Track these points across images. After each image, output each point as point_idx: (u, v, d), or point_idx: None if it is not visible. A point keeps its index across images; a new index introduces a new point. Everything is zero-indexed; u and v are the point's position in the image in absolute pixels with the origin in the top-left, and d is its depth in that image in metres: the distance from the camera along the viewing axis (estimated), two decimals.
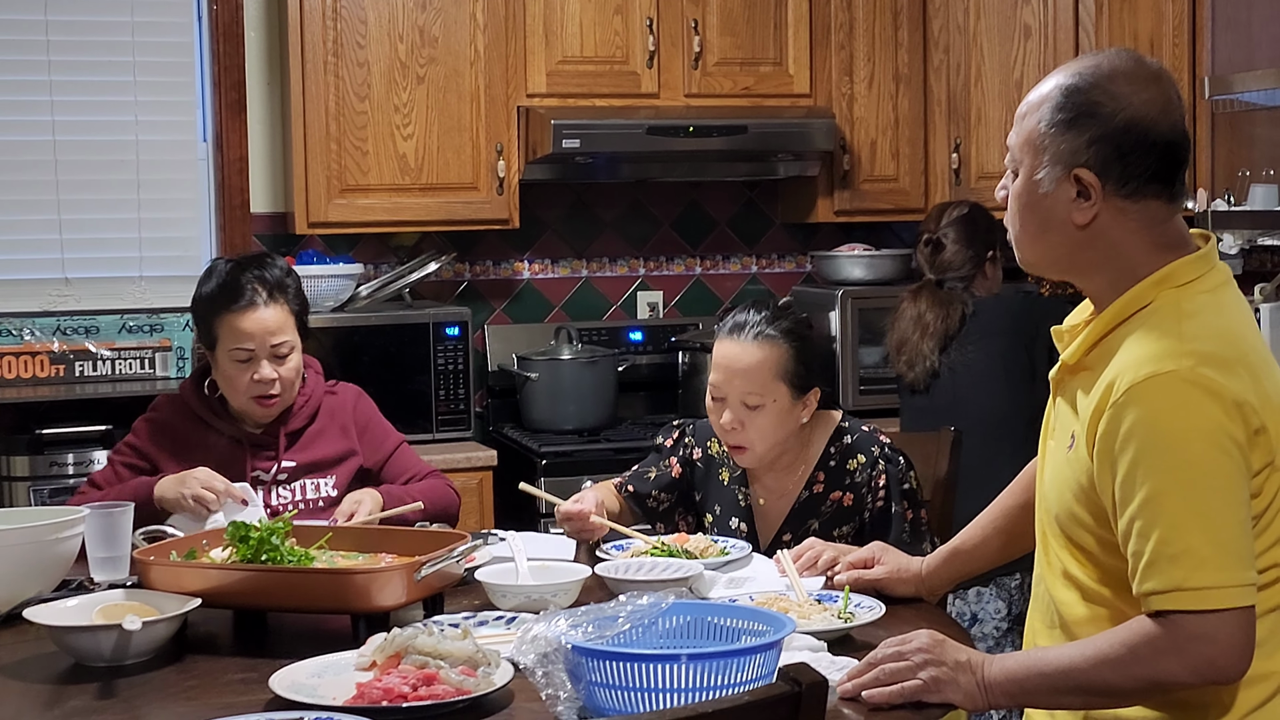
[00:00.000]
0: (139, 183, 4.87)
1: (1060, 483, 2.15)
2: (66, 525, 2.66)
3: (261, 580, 2.48)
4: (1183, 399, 1.96)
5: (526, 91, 4.80)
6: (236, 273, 3.27)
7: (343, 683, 2.11)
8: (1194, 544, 1.94)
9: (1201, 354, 1.98)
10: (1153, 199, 2.09)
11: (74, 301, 4.78)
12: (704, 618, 2.14)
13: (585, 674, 1.93)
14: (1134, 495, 1.98)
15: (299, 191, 4.66)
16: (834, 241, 5.33)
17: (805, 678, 1.57)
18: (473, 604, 2.62)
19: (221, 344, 3.25)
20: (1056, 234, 2.12)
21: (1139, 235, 2.10)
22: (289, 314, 3.28)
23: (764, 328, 3.05)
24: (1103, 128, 2.06)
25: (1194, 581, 1.94)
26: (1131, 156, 2.07)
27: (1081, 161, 2.07)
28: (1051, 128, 2.09)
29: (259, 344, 3.22)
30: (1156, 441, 1.96)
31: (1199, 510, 1.95)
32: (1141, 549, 1.97)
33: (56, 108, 4.78)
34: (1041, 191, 2.11)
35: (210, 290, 3.28)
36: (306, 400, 3.34)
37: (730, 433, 3.05)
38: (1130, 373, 2.00)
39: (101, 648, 2.30)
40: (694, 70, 4.93)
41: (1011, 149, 2.16)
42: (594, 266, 5.28)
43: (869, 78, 5.10)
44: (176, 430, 3.31)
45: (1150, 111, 2.07)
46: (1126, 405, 1.99)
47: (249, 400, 3.25)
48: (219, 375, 3.29)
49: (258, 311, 3.23)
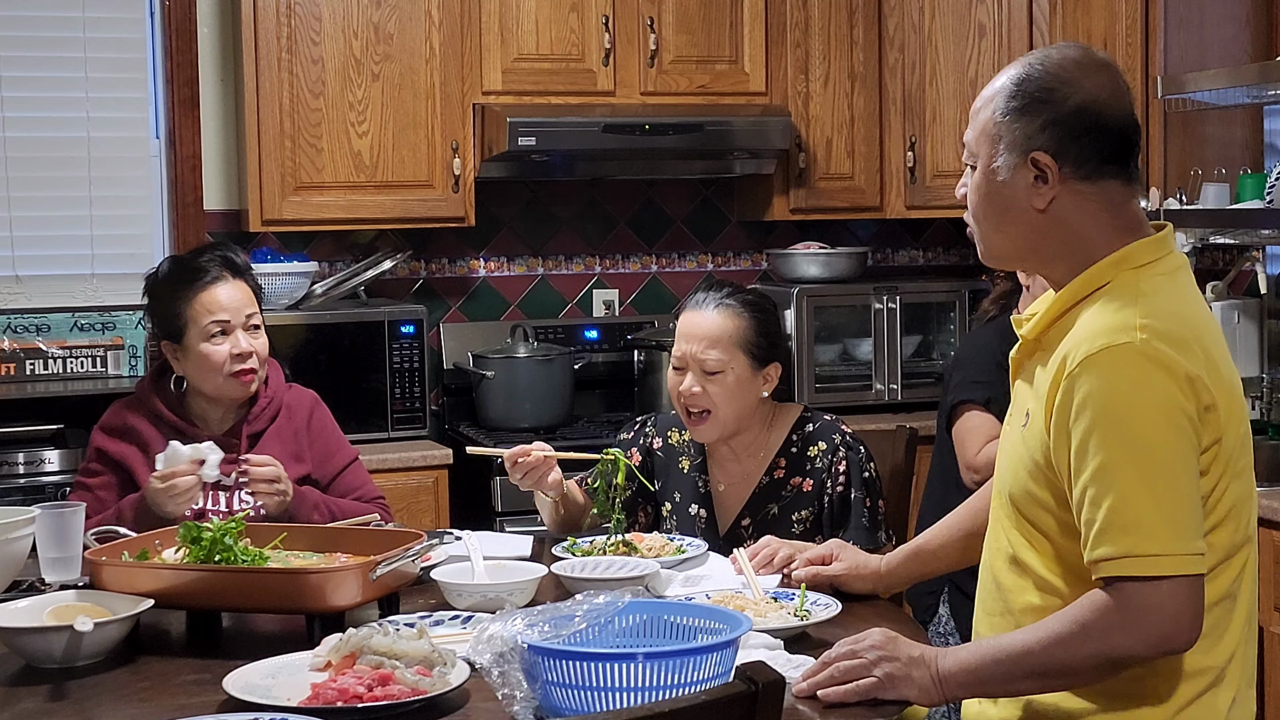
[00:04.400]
0: (90, 179, 4.82)
1: (1015, 460, 2.17)
2: (17, 525, 2.63)
3: (215, 580, 2.46)
4: (1137, 371, 1.99)
5: (482, 89, 4.79)
6: (194, 256, 3.26)
7: (297, 683, 2.10)
8: (1144, 513, 1.97)
9: (1157, 329, 2.01)
10: (1110, 180, 2.12)
11: (25, 299, 4.73)
12: (660, 616, 2.14)
13: (541, 673, 1.92)
14: (1087, 465, 2.00)
15: (253, 189, 4.63)
16: (790, 239, 5.34)
17: (762, 677, 1.57)
18: (428, 603, 2.61)
19: (194, 324, 3.19)
20: (1016, 222, 2.15)
21: (1098, 218, 2.12)
22: (252, 293, 3.27)
23: (725, 299, 3.13)
24: (1055, 111, 2.10)
25: (1144, 549, 1.96)
26: (1086, 139, 2.10)
27: (1037, 145, 2.11)
28: (1005, 116, 2.13)
29: (234, 314, 3.19)
30: (1110, 412, 1.99)
31: (1150, 480, 1.98)
32: (1094, 517, 2.00)
33: (6, 103, 4.73)
34: (1000, 179, 2.14)
35: (171, 273, 3.25)
36: (269, 401, 3.29)
37: (691, 398, 3.08)
38: (1086, 344, 2.03)
39: (53, 649, 2.28)
40: (650, 68, 4.93)
41: (968, 144, 2.19)
42: (550, 265, 5.27)
43: (824, 76, 5.11)
44: (138, 434, 3.23)
45: (1101, 95, 2.11)
46: (1081, 376, 2.02)
47: (228, 378, 3.19)
48: (190, 362, 3.21)
49: (226, 284, 3.22)
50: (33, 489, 4.22)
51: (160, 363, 3.31)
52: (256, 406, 3.27)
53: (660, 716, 1.54)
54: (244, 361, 3.19)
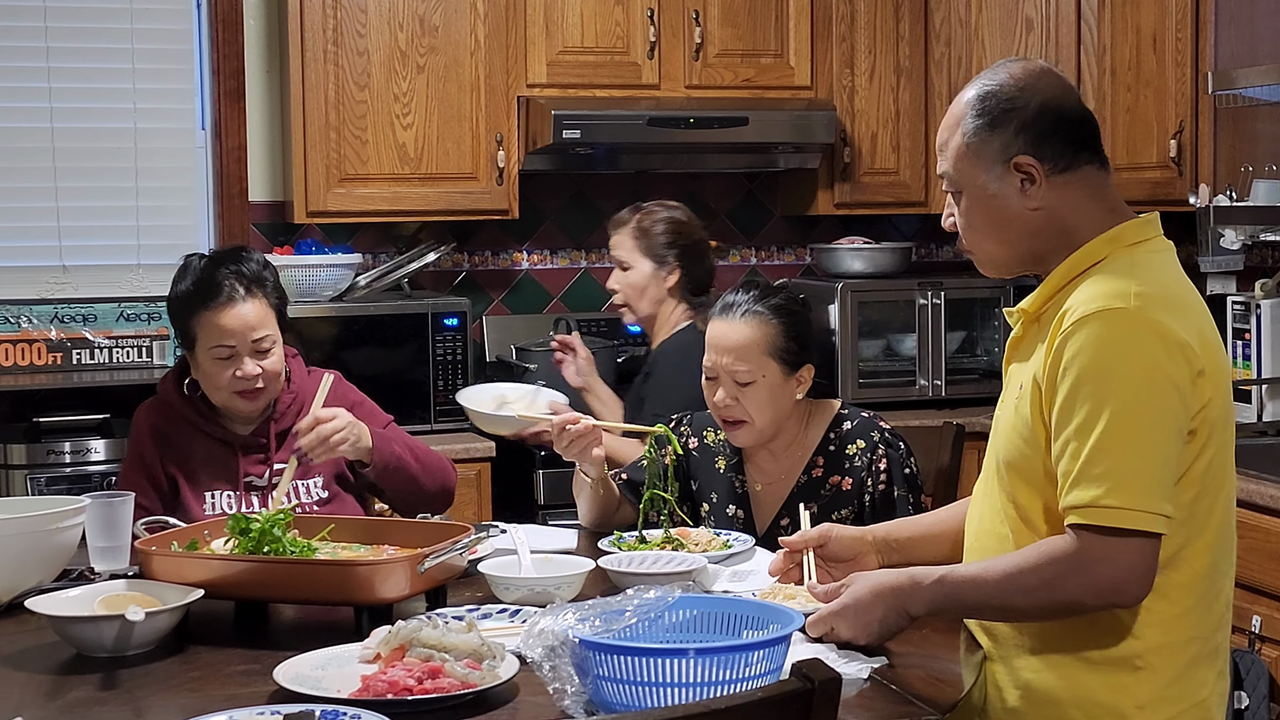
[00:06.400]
0: (137, 170, 4.85)
1: (1008, 428, 2.26)
2: (67, 515, 2.64)
3: (264, 571, 2.46)
4: (1126, 333, 2.09)
5: (527, 81, 4.79)
6: (212, 269, 3.16)
7: (347, 675, 2.10)
8: (1115, 466, 2.05)
9: (1149, 296, 2.11)
10: (1086, 165, 2.24)
11: (71, 289, 4.77)
12: (711, 611, 2.13)
13: (592, 668, 1.92)
14: (1070, 420, 2.10)
15: (298, 180, 4.65)
16: (833, 234, 5.32)
17: (818, 674, 1.56)
18: (475, 596, 2.60)
19: (201, 343, 3.14)
20: (1015, 228, 2.25)
21: (1084, 205, 2.23)
22: (268, 308, 3.18)
23: (752, 305, 3.08)
24: (1023, 116, 2.22)
25: (1110, 500, 2.05)
26: (1056, 133, 2.22)
27: (1016, 151, 2.22)
28: (976, 135, 2.24)
29: (240, 340, 3.12)
30: (1096, 370, 2.08)
31: (1126, 437, 2.06)
32: (1070, 468, 2.09)
33: (55, 94, 4.77)
34: (991, 193, 2.25)
35: (186, 289, 3.17)
36: (294, 397, 3.25)
37: (725, 409, 3.07)
38: (1080, 308, 2.12)
39: (104, 638, 2.29)
40: (695, 61, 4.92)
41: (945, 175, 2.30)
42: (593, 257, 5.27)
43: (870, 70, 5.09)
44: (168, 436, 3.21)
45: (1055, 93, 2.25)
46: (1072, 335, 2.11)
47: (231, 395, 3.15)
48: (199, 374, 3.18)
49: (237, 307, 3.12)
50: (79, 478, 4.25)
51: (182, 362, 3.27)
52: (280, 404, 3.23)
53: (716, 714, 1.54)
54: (249, 384, 3.14)
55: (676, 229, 4.02)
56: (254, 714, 1.91)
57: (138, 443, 3.24)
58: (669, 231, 4.00)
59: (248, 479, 3.19)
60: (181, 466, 3.19)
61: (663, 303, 4.00)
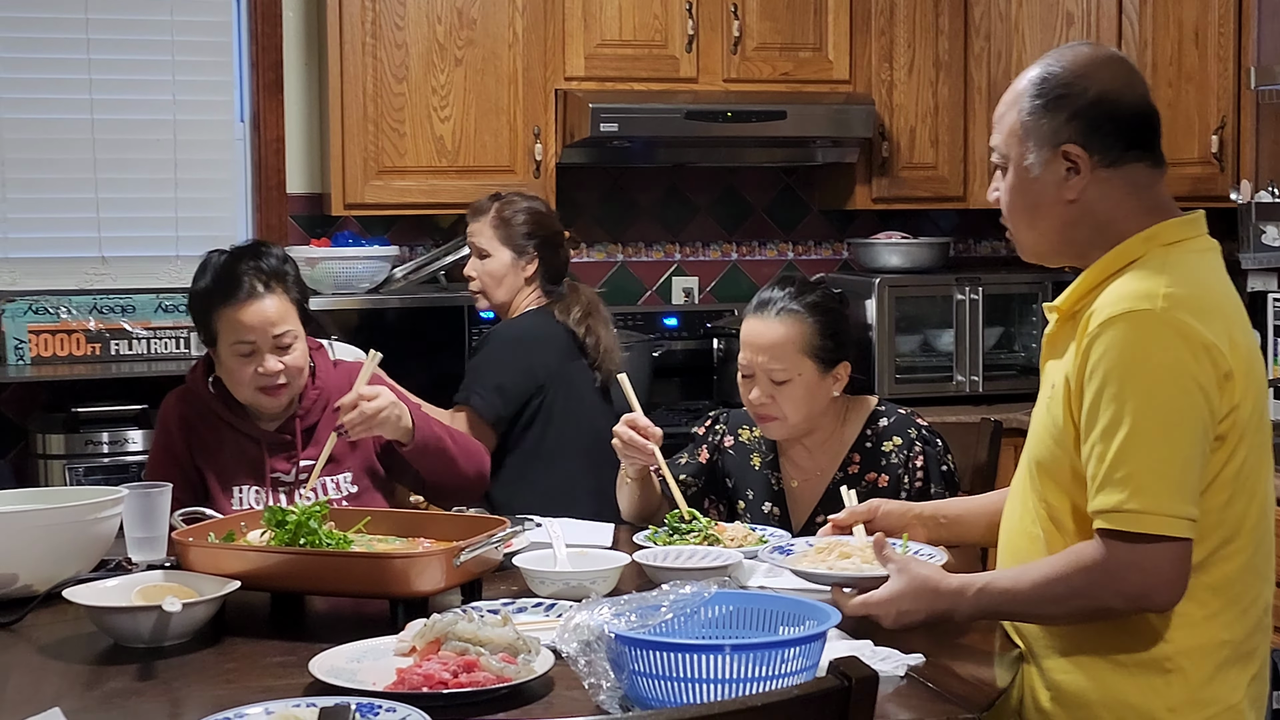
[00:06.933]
0: (176, 162, 4.87)
1: (1040, 428, 2.25)
2: (106, 505, 2.65)
3: (301, 563, 2.47)
4: (1152, 335, 2.07)
5: (564, 75, 4.78)
6: (232, 265, 3.15)
7: (382, 668, 2.10)
8: (1139, 470, 2.05)
9: (1177, 298, 2.09)
10: (1134, 164, 2.22)
11: (110, 280, 4.79)
12: (747, 607, 2.12)
13: (627, 663, 1.91)
14: (1096, 422, 2.09)
15: (335, 172, 4.65)
16: (871, 229, 5.30)
17: (855, 672, 1.55)
18: (510, 590, 2.60)
19: (222, 339, 3.14)
20: (1049, 216, 2.23)
21: (1125, 202, 2.21)
22: (289, 303, 3.16)
23: (787, 303, 3.06)
24: (1076, 103, 2.20)
25: (1133, 504, 2.05)
26: (1108, 126, 2.20)
27: (1065, 138, 2.20)
28: (1030, 115, 2.22)
29: (260, 336, 3.10)
30: (1121, 372, 2.07)
31: (1150, 440, 2.05)
32: (1096, 472, 2.09)
33: (95, 86, 4.79)
34: (1032, 176, 2.23)
35: (206, 285, 3.16)
36: (320, 393, 3.24)
37: (760, 407, 3.06)
38: (1107, 309, 2.11)
39: (141, 629, 2.30)
40: (733, 55, 4.90)
41: (996, 148, 2.28)
42: (629, 251, 5.27)
43: (909, 64, 5.07)
44: (196, 428, 3.22)
45: (1115, 84, 2.22)
46: (1100, 336, 2.10)
47: (254, 393, 3.14)
48: (222, 371, 3.18)
49: (257, 303, 3.11)
50: (116, 468, 4.27)
51: (208, 357, 3.26)
52: (305, 400, 3.22)
53: (752, 711, 1.53)
54: (271, 380, 3.13)
55: (536, 220, 4.06)
56: (290, 706, 1.91)
57: (166, 433, 3.25)
58: (529, 222, 4.04)
59: (274, 475, 3.19)
60: (209, 460, 3.19)
61: (519, 292, 4.03)
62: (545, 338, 3.94)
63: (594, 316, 4.03)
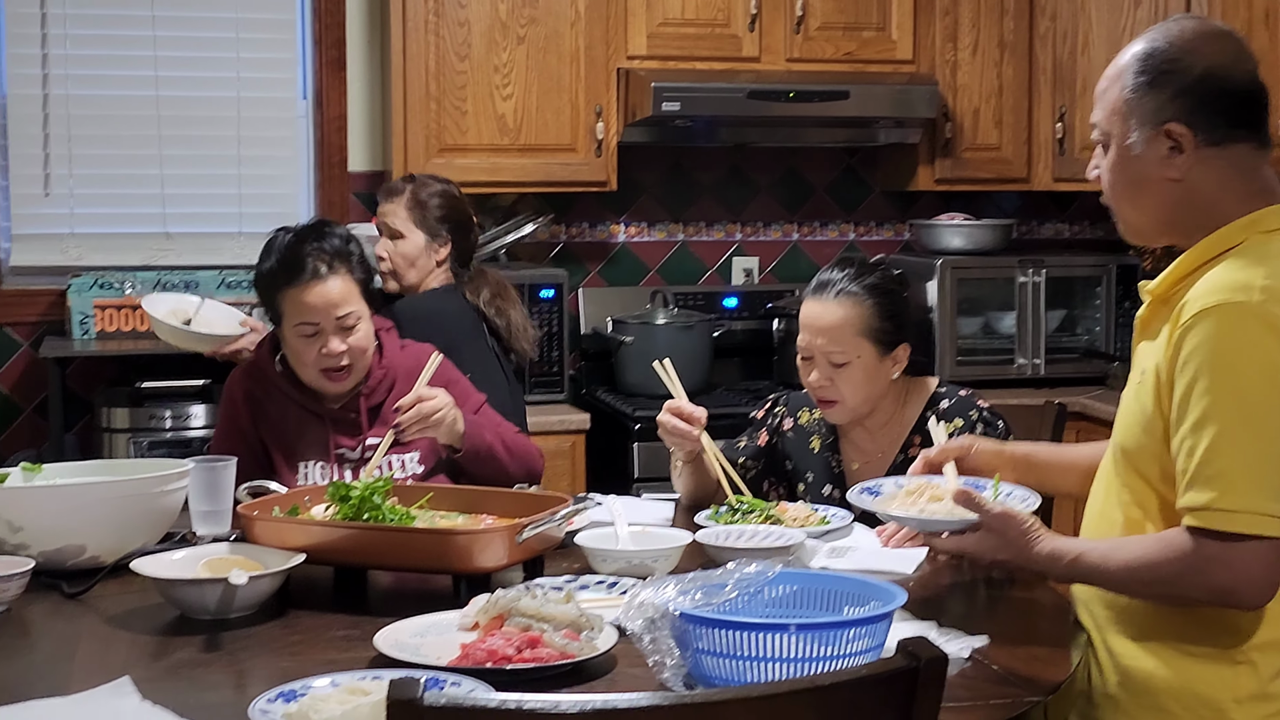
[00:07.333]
0: (239, 139, 4.90)
1: (1129, 415, 2.21)
2: (172, 478, 2.67)
3: (365, 538, 2.48)
4: (1244, 329, 2.03)
5: (626, 53, 4.77)
6: (296, 245, 3.16)
7: (446, 643, 2.11)
8: (1230, 467, 2.01)
9: (1274, 290, 2.05)
10: (1239, 144, 2.16)
11: (174, 256, 4.83)
12: (811, 587, 2.11)
13: (692, 641, 1.91)
14: (1187, 416, 2.05)
15: (397, 150, 4.66)
16: (933, 210, 5.27)
17: (925, 653, 1.54)
18: (572, 568, 2.60)
19: (287, 320, 3.16)
20: (1152, 195, 2.19)
21: (1231, 183, 2.16)
22: (353, 283, 3.17)
23: (846, 285, 3.04)
24: (1182, 81, 2.14)
25: (1223, 503, 2.01)
26: (1214, 104, 2.14)
27: (1169, 116, 2.14)
28: (1134, 92, 2.16)
29: (324, 318, 3.12)
30: (1213, 367, 2.03)
31: (1242, 437, 2.01)
32: (1186, 466, 2.05)
33: (160, 63, 4.82)
34: (1135, 154, 2.18)
35: (271, 267, 3.18)
36: (385, 372, 3.25)
37: (819, 389, 3.05)
38: (1202, 299, 2.06)
39: (207, 601, 2.31)
40: (796, 34, 4.88)
41: (1098, 124, 2.23)
42: (690, 230, 5.26)
43: (973, 44, 5.03)
44: (262, 403, 3.24)
45: (1223, 61, 2.15)
46: (1192, 328, 2.06)
47: (318, 375, 3.17)
48: (288, 350, 3.20)
49: (320, 284, 3.12)
50: (178, 443, 4.31)
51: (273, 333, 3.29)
52: (372, 379, 3.23)
53: (819, 691, 1.52)
54: (334, 362, 3.14)
55: (450, 203, 4.03)
56: (355, 679, 1.92)
57: (231, 407, 3.27)
58: (444, 206, 4.00)
59: (339, 451, 3.20)
60: (274, 435, 3.21)
61: (430, 274, 3.99)
62: (454, 313, 3.91)
63: (503, 298, 3.99)
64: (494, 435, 3.24)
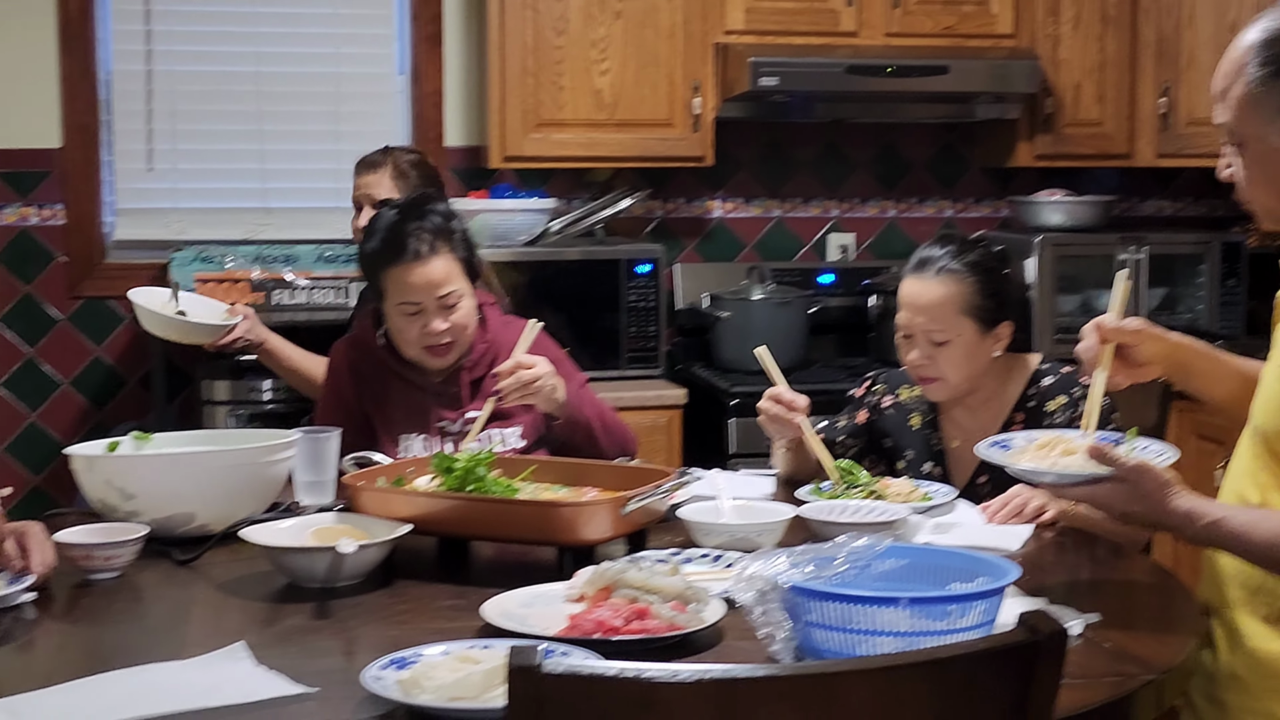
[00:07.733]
0: (337, 114, 4.93)
1: (1270, 396, 2.14)
2: (278, 449, 2.70)
3: (470, 509, 2.49)
4: None
5: (724, 28, 4.75)
6: (399, 225, 3.18)
7: (553, 614, 2.11)
8: None
9: None
10: None
11: (274, 230, 4.87)
12: (920, 562, 2.10)
13: (803, 613, 1.90)
14: None
15: (494, 125, 4.68)
16: (1032, 186, 5.20)
17: (1045, 627, 1.52)
18: (674, 541, 2.60)
19: (390, 298, 3.19)
20: None
21: None
22: (455, 261, 3.19)
23: (947, 262, 3.01)
24: None
25: None
26: None
27: None
28: (1260, 86, 2.07)
29: (426, 297, 3.15)
30: None
31: None
32: None
33: (260, 39, 4.87)
34: (1274, 147, 2.08)
35: (375, 246, 3.21)
36: (488, 346, 3.27)
37: (920, 367, 3.03)
38: None
39: (316, 569, 2.33)
40: (894, 9, 4.84)
41: (1225, 124, 2.13)
42: (787, 206, 5.23)
43: (1075, 18, 4.96)
44: (365, 375, 3.27)
45: None
46: None
47: (420, 350, 3.19)
48: (391, 327, 3.23)
49: (422, 265, 3.14)
50: (276, 416, 4.34)
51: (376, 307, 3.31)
52: (474, 353, 3.25)
53: (937, 664, 1.51)
54: (436, 339, 3.17)
55: (428, 170, 4.05)
56: (466, 647, 1.93)
57: (336, 379, 3.30)
58: (422, 175, 4.00)
59: (440, 424, 3.22)
60: (377, 408, 3.24)
61: None
62: None
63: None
64: (594, 410, 3.24)
